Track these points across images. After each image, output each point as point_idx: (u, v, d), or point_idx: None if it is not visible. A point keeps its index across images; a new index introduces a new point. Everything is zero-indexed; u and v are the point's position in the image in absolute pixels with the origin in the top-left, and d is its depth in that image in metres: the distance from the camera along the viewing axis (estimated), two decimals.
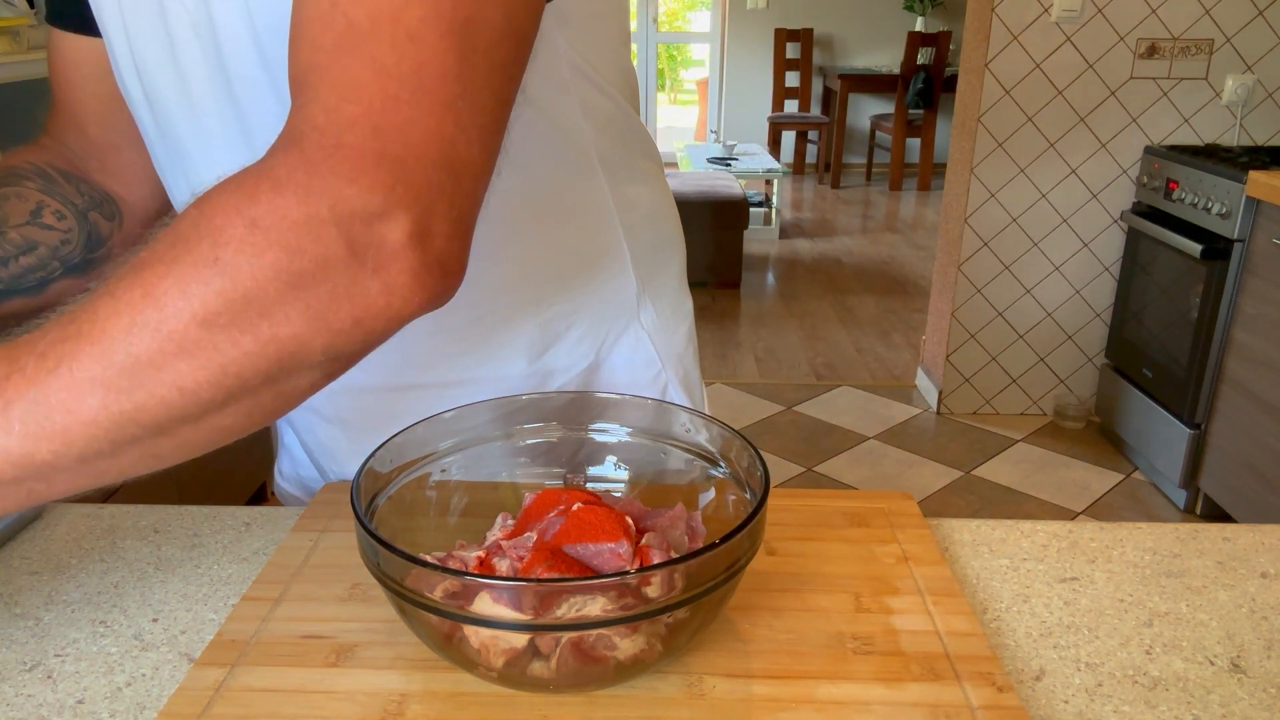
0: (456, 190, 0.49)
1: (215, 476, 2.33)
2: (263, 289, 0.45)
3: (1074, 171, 3.07)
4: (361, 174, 0.46)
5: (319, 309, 0.46)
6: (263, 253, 0.44)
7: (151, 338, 0.44)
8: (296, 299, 0.45)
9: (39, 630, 0.62)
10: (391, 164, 0.46)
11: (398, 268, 0.47)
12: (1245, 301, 2.49)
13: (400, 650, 0.57)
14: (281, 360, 0.47)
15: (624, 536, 0.56)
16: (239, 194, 0.45)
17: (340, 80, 0.47)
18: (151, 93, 0.67)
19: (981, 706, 0.52)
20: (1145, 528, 0.75)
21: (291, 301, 0.45)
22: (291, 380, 0.48)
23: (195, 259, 0.44)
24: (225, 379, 0.46)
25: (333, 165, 0.46)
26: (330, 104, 0.46)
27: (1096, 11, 2.90)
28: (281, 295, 0.45)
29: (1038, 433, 3.25)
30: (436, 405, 0.68)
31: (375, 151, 0.46)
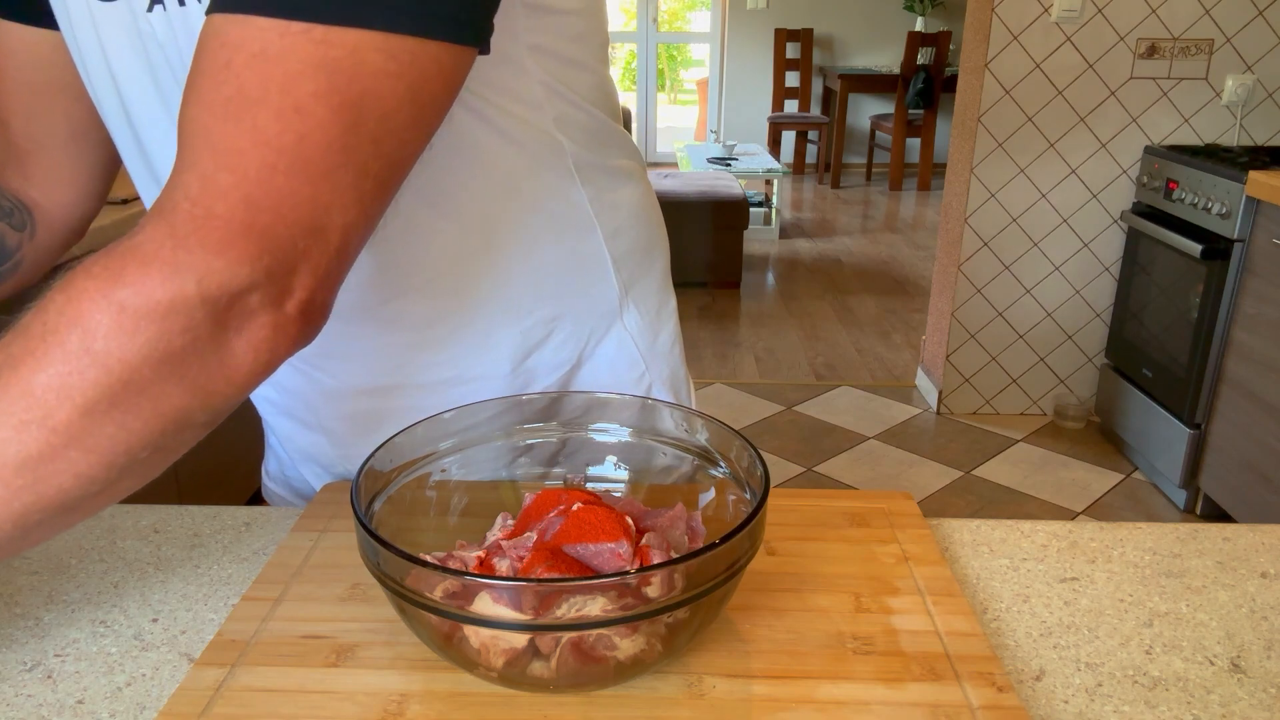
0: (324, 251, 0.50)
1: (215, 476, 2.34)
2: (138, 372, 0.46)
3: (1074, 171, 3.07)
4: (229, 246, 0.46)
5: (193, 379, 0.48)
6: (133, 337, 0.45)
7: (39, 434, 0.45)
8: (171, 374, 0.47)
9: (39, 630, 0.62)
10: (259, 235, 0.47)
11: (259, 325, 0.49)
12: (1245, 301, 2.49)
13: (400, 650, 0.57)
14: (166, 430, 0.48)
15: (624, 536, 0.56)
16: (105, 277, 0.46)
17: (220, 146, 0.47)
18: (129, 104, 0.65)
19: (981, 706, 0.52)
20: (1145, 528, 0.75)
21: (167, 378, 0.47)
22: (178, 441, 0.50)
23: (67, 352, 0.45)
24: (117, 458, 0.47)
25: (200, 238, 0.46)
26: (207, 171, 0.47)
27: (1096, 11, 2.90)
28: (157, 374, 0.46)
29: (1038, 433, 3.25)
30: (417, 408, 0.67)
31: (244, 223, 0.46)
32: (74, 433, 0.46)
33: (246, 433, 2.68)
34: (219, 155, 0.46)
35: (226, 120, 0.46)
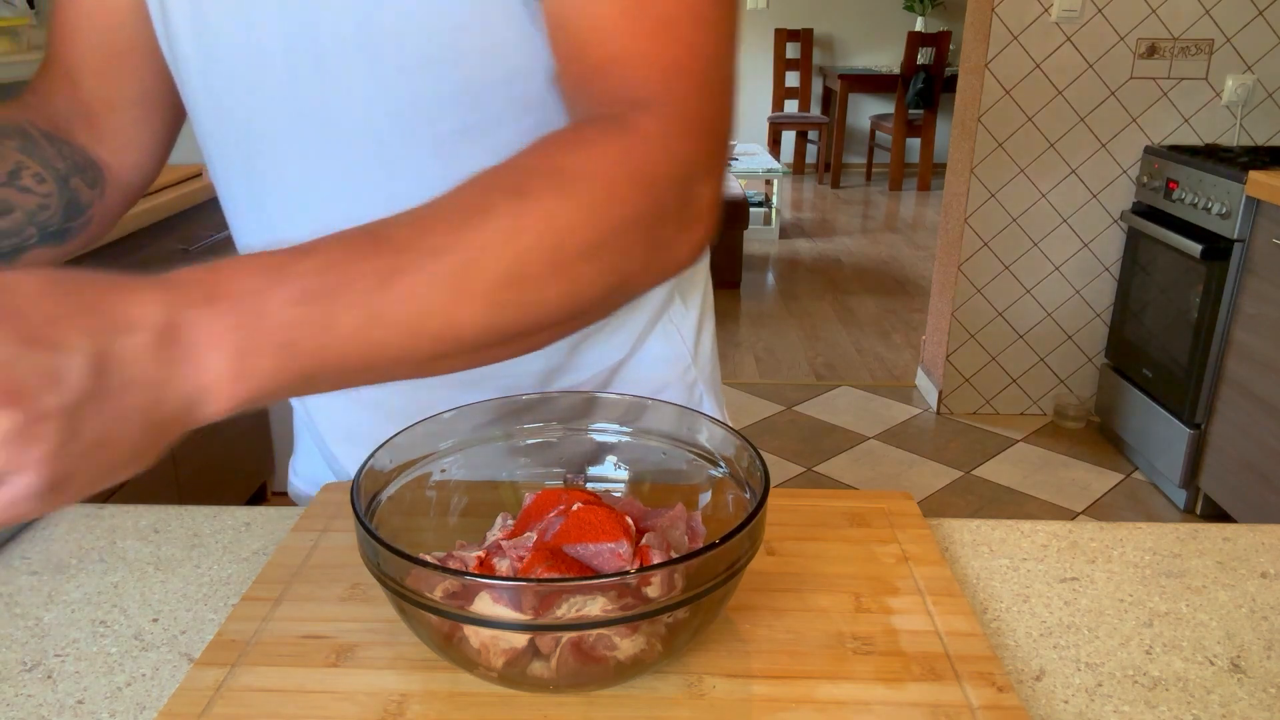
0: (727, 154, 0.58)
1: (215, 476, 2.34)
2: (628, 229, 0.51)
3: (1074, 171, 3.07)
4: (701, 139, 0.54)
5: (653, 250, 0.53)
6: (640, 198, 0.52)
7: (541, 258, 0.49)
8: (643, 239, 0.52)
9: (39, 630, 0.62)
10: (713, 131, 0.55)
11: (702, 224, 0.56)
12: (1245, 301, 2.49)
13: (400, 650, 0.57)
14: (614, 290, 0.53)
15: (624, 536, 0.56)
16: (619, 147, 0.52)
17: (666, 59, 0.54)
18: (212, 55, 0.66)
19: (981, 706, 0.52)
20: (1145, 528, 0.75)
21: (640, 242, 0.52)
22: (607, 306, 0.55)
23: (585, 199, 0.50)
24: (578, 301, 0.52)
25: (683, 129, 0.54)
26: (665, 79, 0.54)
27: (1096, 11, 2.90)
28: (638, 236, 0.52)
29: (1038, 433, 3.25)
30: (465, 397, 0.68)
31: (705, 120, 0.55)
32: (565, 266, 0.50)
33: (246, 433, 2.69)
34: (668, 69, 0.54)
35: (663, 42, 0.54)
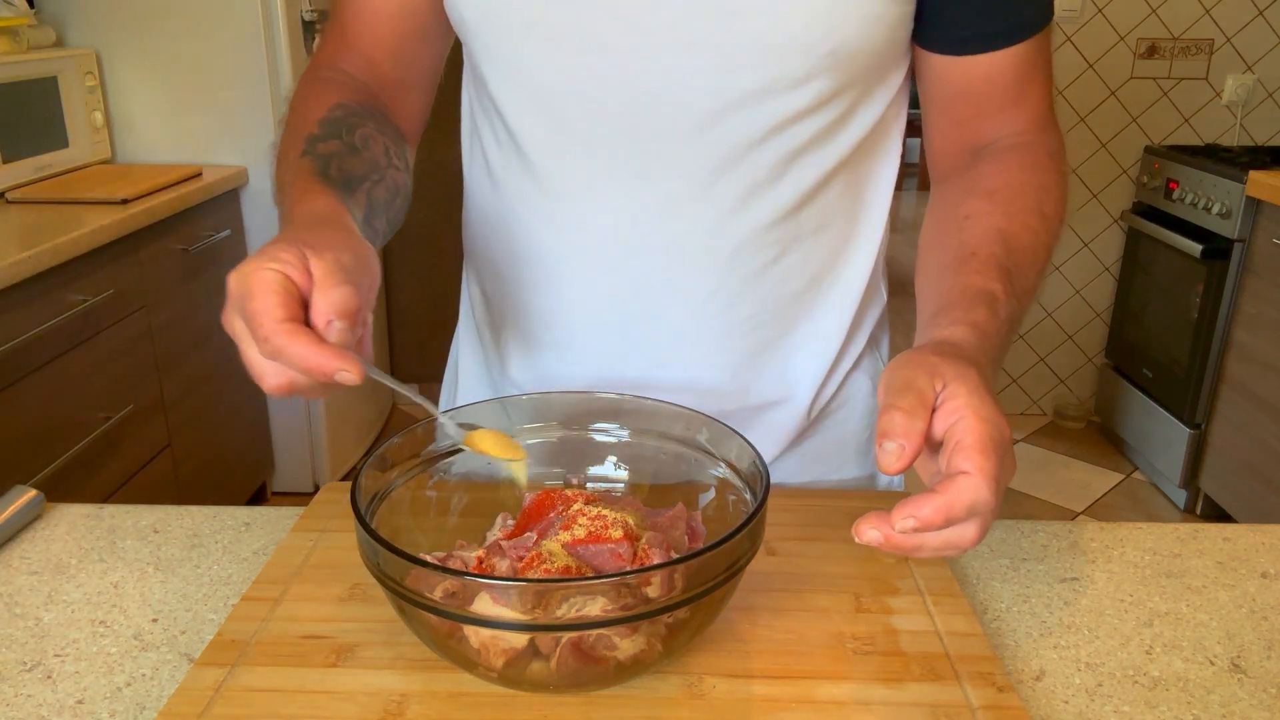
0: None
1: (215, 476, 2.34)
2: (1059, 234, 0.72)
3: (1074, 171, 3.07)
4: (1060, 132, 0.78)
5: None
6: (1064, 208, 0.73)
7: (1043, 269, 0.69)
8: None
9: (39, 630, 0.62)
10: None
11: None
12: (1245, 301, 2.49)
13: (400, 650, 0.57)
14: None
15: (624, 537, 0.56)
16: (1053, 174, 0.73)
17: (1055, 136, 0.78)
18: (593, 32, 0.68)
19: (981, 706, 0.52)
20: (1145, 528, 0.75)
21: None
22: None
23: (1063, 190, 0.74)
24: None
25: (1057, 130, 0.79)
26: (1045, 109, 0.77)
27: (1096, 11, 2.90)
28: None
29: (1038, 433, 3.24)
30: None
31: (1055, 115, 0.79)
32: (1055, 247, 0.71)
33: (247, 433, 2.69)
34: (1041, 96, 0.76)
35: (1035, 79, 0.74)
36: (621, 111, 0.69)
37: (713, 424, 0.64)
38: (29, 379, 1.66)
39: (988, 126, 0.74)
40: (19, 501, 0.74)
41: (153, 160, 2.42)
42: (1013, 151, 0.73)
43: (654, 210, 0.72)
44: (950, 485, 0.50)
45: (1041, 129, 0.75)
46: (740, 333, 0.77)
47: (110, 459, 1.91)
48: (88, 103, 2.28)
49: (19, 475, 1.61)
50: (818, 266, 0.78)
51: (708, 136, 0.69)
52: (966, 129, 0.75)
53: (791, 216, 0.73)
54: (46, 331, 1.68)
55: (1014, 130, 0.74)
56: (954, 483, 0.50)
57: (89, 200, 1.99)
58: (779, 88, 0.67)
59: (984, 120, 0.74)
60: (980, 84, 0.72)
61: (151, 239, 2.02)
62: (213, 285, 2.25)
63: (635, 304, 0.76)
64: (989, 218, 0.68)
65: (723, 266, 0.74)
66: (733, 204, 0.72)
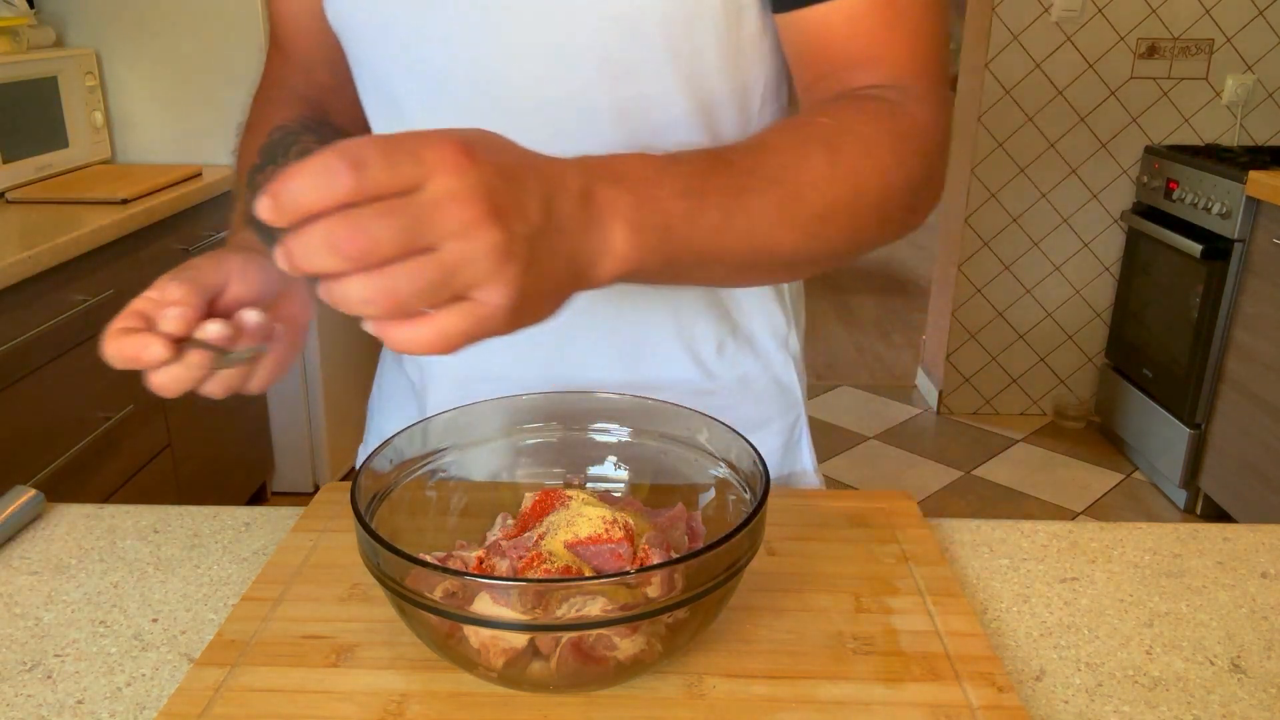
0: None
1: (215, 476, 2.34)
2: (902, 191, 0.60)
3: (1074, 171, 3.07)
4: (945, 112, 0.64)
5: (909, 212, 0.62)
6: (916, 168, 0.61)
7: (842, 205, 0.57)
8: (908, 200, 0.61)
9: (39, 630, 0.62)
10: (948, 102, 0.65)
11: (939, 192, 0.65)
12: (1245, 301, 2.49)
13: (400, 650, 0.57)
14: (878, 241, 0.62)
15: (624, 537, 0.56)
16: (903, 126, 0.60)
17: (930, 88, 0.64)
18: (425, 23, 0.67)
19: (981, 706, 0.52)
20: (1145, 528, 0.75)
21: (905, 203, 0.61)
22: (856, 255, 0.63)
23: (880, 162, 0.59)
24: (858, 244, 0.61)
25: (936, 104, 0.63)
26: (914, 67, 0.63)
27: (1096, 11, 2.90)
28: (906, 197, 0.61)
29: (1038, 433, 3.25)
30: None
31: (942, 91, 0.64)
32: (859, 213, 0.58)
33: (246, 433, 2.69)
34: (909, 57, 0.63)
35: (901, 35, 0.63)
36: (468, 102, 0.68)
37: (713, 424, 0.64)
38: (29, 379, 1.66)
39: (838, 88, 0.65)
40: (19, 501, 0.74)
41: (153, 160, 2.42)
42: (851, 99, 0.63)
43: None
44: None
45: (906, 92, 0.63)
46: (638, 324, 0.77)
47: (110, 459, 1.91)
48: (88, 103, 2.28)
49: (19, 475, 1.61)
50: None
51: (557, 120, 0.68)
52: (813, 93, 0.67)
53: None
54: (46, 331, 1.68)
55: (869, 84, 0.64)
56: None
57: (89, 200, 1.99)
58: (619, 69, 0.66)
59: (831, 81, 0.65)
60: (815, 44, 0.65)
61: (151, 239, 2.02)
62: None
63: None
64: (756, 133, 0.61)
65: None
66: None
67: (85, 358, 1.82)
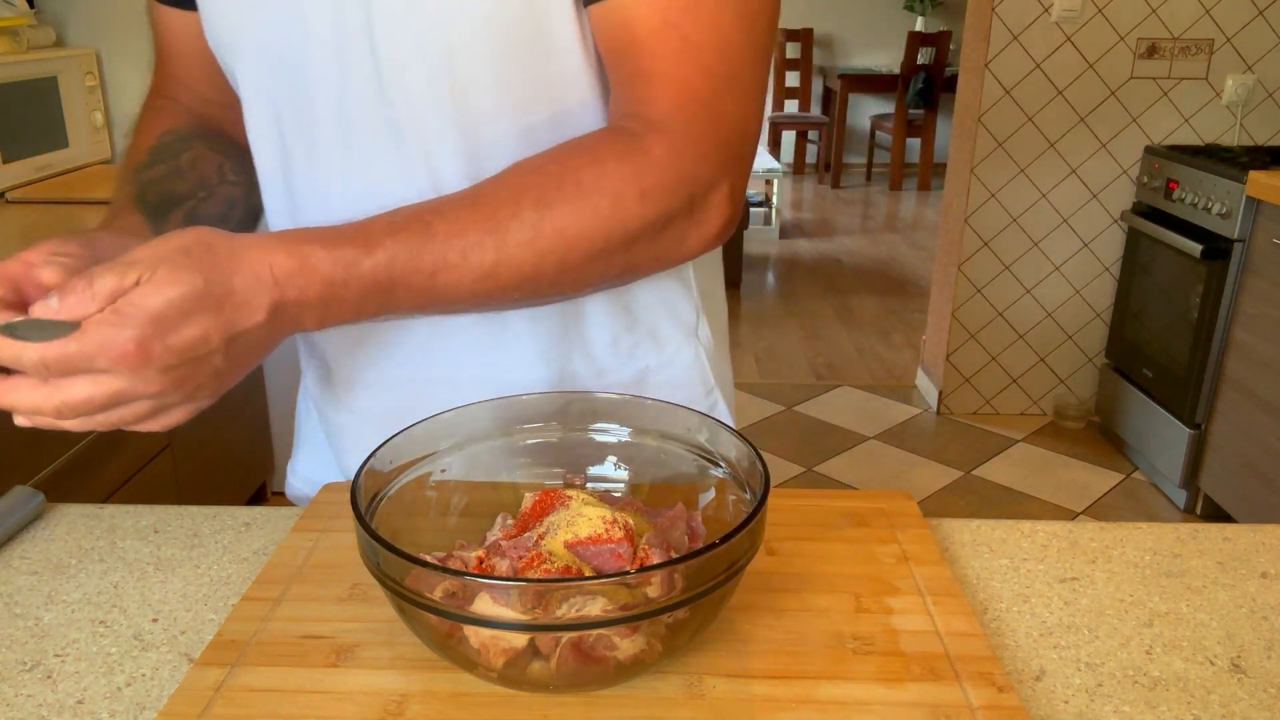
0: (749, 157, 0.65)
1: (215, 476, 2.33)
2: (636, 234, 0.60)
3: (1074, 171, 3.07)
4: (707, 157, 0.61)
5: (661, 248, 0.63)
6: (646, 212, 0.60)
7: (551, 264, 0.59)
8: (653, 242, 0.62)
9: (39, 630, 0.62)
10: (723, 147, 0.62)
11: (713, 222, 0.64)
12: (1245, 301, 2.49)
13: (400, 650, 0.57)
14: (624, 276, 0.64)
15: (624, 537, 0.56)
16: (630, 168, 0.60)
17: (680, 82, 0.60)
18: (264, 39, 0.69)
19: (981, 706, 0.52)
20: (1145, 528, 0.75)
21: (649, 243, 0.62)
22: (621, 285, 0.66)
23: (596, 212, 0.59)
24: (588, 288, 0.64)
25: (690, 151, 0.61)
26: (678, 102, 0.61)
27: (1096, 11, 2.90)
28: (644, 242, 0.61)
29: (1038, 433, 3.25)
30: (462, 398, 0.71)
31: (714, 138, 0.61)
32: (574, 268, 0.60)
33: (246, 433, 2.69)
34: (681, 89, 0.60)
35: (680, 63, 0.60)
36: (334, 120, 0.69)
37: (713, 424, 0.64)
38: None
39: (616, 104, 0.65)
40: (19, 501, 0.74)
41: None
42: (594, 136, 0.62)
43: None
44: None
45: (650, 125, 0.60)
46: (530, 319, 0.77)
47: (110, 459, 1.91)
48: (88, 103, 2.28)
49: (19, 475, 1.61)
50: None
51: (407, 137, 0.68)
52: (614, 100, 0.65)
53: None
54: None
55: (624, 114, 0.63)
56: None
57: (89, 200, 2.00)
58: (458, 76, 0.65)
59: (622, 90, 0.64)
60: (603, 45, 0.64)
61: None
62: None
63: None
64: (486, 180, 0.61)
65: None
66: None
67: None
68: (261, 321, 0.54)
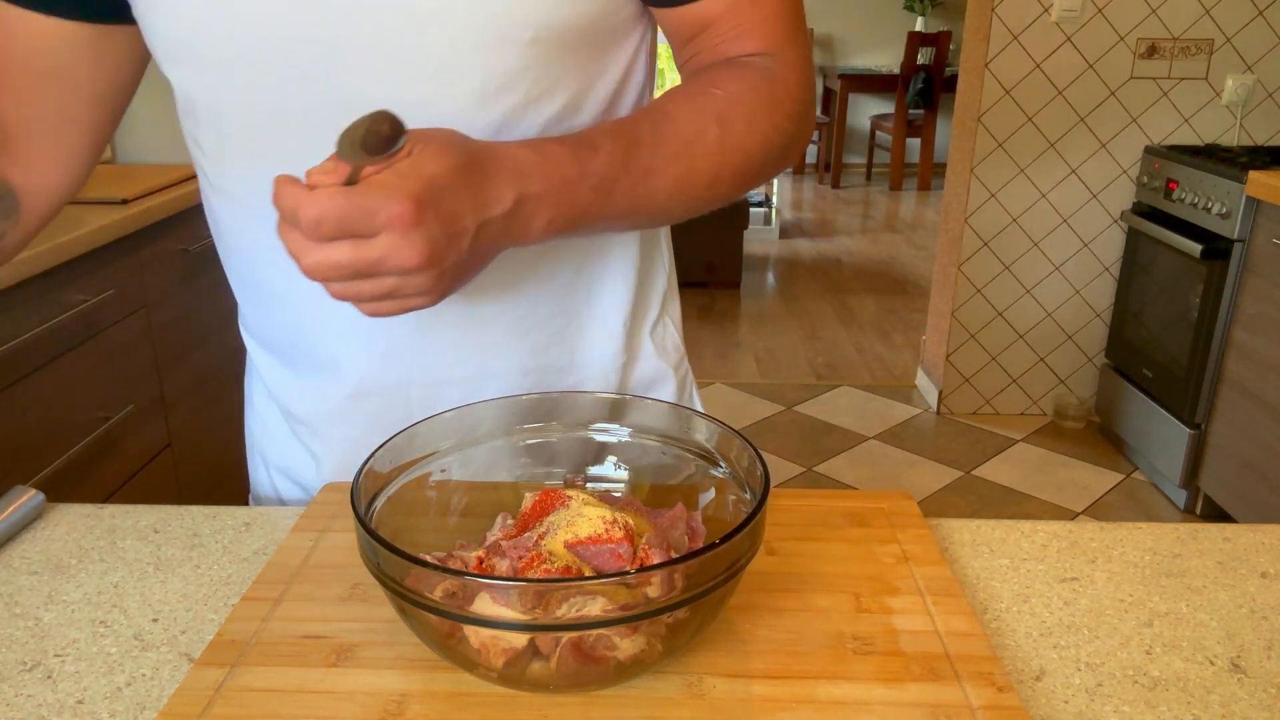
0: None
1: (215, 476, 2.34)
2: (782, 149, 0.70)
3: (1074, 171, 3.07)
4: (809, 72, 0.73)
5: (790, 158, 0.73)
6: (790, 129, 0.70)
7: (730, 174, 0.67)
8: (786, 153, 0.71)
9: (39, 630, 0.62)
10: (810, 63, 0.74)
11: (810, 135, 0.74)
12: (1245, 301, 2.49)
13: (400, 650, 0.57)
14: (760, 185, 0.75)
15: (624, 537, 0.56)
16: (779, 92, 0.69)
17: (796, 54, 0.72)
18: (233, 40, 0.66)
19: (981, 706, 0.52)
20: (1145, 528, 0.75)
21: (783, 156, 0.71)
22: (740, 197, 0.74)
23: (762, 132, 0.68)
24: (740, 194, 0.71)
25: (807, 75, 0.72)
26: (795, 63, 0.72)
27: (1096, 11, 2.90)
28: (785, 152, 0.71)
29: (1038, 433, 3.25)
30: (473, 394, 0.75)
31: (805, 54, 0.73)
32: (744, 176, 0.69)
33: None
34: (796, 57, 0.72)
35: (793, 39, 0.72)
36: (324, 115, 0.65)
37: (713, 424, 0.64)
38: (29, 379, 1.66)
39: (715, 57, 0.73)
40: (19, 501, 0.74)
41: (153, 160, 2.42)
42: (720, 65, 0.71)
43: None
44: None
45: (776, 59, 0.72)
46: (521, 330, 0.77)
47: (110, 459, 1.91)
48: None
49: (19, 475, 1.61)
50: (579, 254, 0.77)
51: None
52: (692, 64, 0.74)
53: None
54: (46, 331, 1.68)
55: (746, 53, 0.72)
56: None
57: (89, 200, 1.99)
58: (493, 88, 0.66)
59: (709, 54, 0.73)
60: (697, 29, 0.72)
61: (151, 239, 2.02)
62: (213, 285, 2.25)
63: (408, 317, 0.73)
64: (655, 103, 0.68)
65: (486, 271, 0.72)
66: None
67: (85, 358, 1.82)
68: (506, 211, 0.57)
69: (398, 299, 0.55)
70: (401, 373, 0.77)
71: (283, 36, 0.65)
